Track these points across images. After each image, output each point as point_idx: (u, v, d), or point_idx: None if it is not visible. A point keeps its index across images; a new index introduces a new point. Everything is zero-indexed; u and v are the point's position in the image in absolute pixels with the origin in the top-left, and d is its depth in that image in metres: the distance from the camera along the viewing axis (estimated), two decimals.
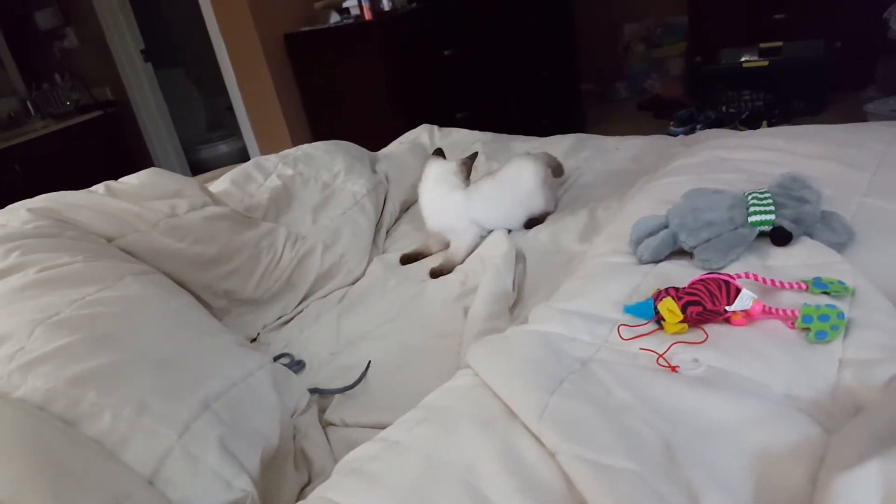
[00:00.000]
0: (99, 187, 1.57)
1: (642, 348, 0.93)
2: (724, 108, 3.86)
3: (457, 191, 1.67)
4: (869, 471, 0.58)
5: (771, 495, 0.66)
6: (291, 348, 1.44)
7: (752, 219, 1.10)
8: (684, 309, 0.92)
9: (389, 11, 3.28)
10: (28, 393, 0.92)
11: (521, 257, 1.54)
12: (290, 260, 1.65)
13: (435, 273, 1.62)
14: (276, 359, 1.29)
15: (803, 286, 0.96)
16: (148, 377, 0.99)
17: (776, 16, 3.83)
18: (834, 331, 0.85)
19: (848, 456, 0.62)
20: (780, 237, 1.09)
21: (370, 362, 1.28)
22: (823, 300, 0.92)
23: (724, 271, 1.03)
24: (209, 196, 1.64)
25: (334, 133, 2.57)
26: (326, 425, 1.18)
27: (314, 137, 3.44)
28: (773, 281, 0.97)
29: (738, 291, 0.92)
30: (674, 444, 0.73)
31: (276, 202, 1.82)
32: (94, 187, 1.57)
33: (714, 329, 0.93)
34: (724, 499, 0.66)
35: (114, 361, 0.99)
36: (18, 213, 1.38)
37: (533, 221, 1.73)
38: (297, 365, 1.36)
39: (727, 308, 0.92)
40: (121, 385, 0.95)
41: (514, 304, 1.40)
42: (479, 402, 0.87)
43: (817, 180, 1.14)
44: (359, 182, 1.92)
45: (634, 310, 1.00)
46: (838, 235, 1.08)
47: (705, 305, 0.92)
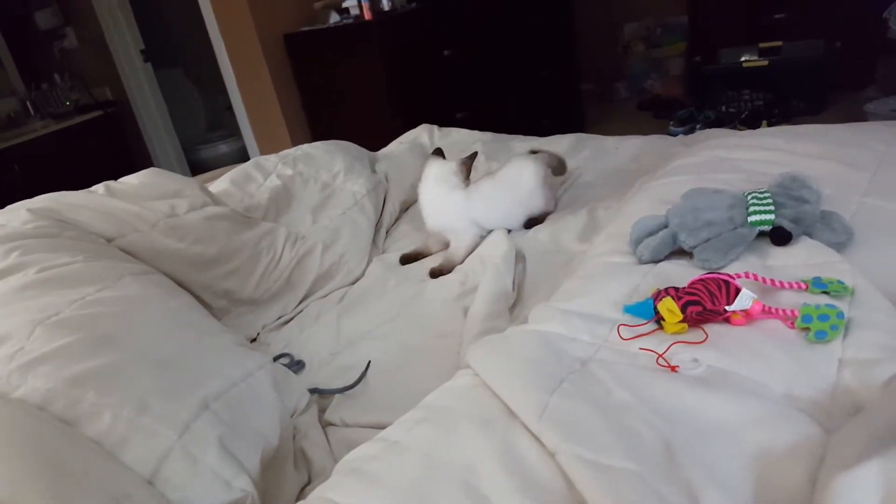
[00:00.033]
0: (99, 187, 1.57)
1: (642, 348, 0.93)
2: (724, 108, 3.85)
3: (457, 191, 1.67)
4: (869, 470, 0.58)
5: (771, 495, 0.66)
6: (291, 348, 1.44)
7: (752, 218, 1.10)
8: (684, 309, 0.92)
9: (389, 11, 3.28)
10: (28, 393, 0.92)
11: (521, 257, 1.54)
12: (290, 260, 1.65)
13: (435, 273, 1.62)
14: (276, 359, 1.29)
15: (803, 286, 0.96)
16: (147, 377, 0.99)
17: (776, 15, 3.83)
18: (833, 330, 0.86)
19: (847, 456, 0.62)
20: (780, 237, 1.09)
21: (370, 362, 1.28)
22: (823, 300, 0.92)
23: (724, 271, 1.03)
24: (209, 196, 1.64)
25: (334, 133, 2.57)
26: (326, 425, 1.18)
27: (314, 137, 3.43)
28: (773, 281, 0.97)
29: (738, 291, 0.92)
30: (673, 444, 0.73)
31: (276, 202, 1.82)
32: (94, 187, 1.57)
33: (714, 329, 0.93)
34: (724, 498, 0.66)
35: (113, 361, 0.99)
36: (18, 213, 1.38)
37: (533, 221, 1.73)
38: (297, 365, 1.36)
39: (727, 308, 0.92)
40: (120, 385, 0.95)
41: (514, 304, 1.40)
42: (479, 402, 0.87)
43: (817, 180, 1.14)
44: (358, 182, 1.92)
45: (634, 310, 1.00)
46: (838, 235, 1.08)
47: (705, 305, 0.92)
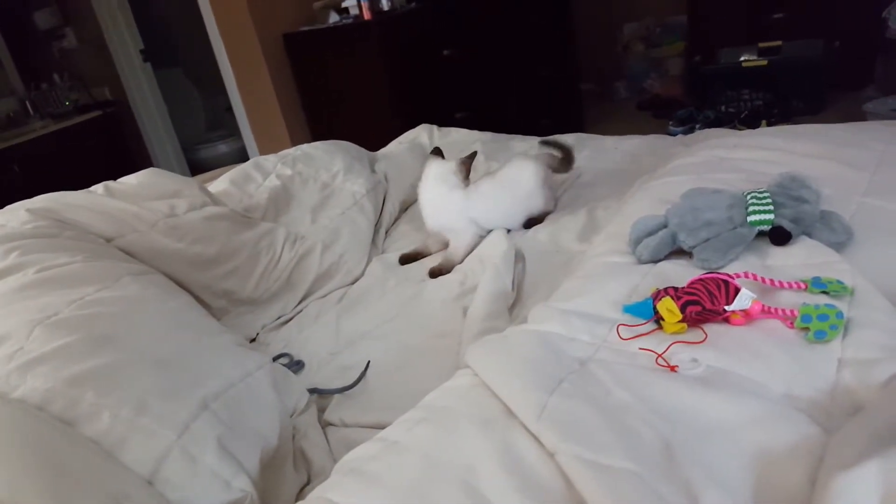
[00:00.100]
0: (98, 187, 1.57)
1: (641, 348, 0.93)
2: (724, 108, 3.85)
3: (456, 190, 1.67)
4: (868, 470, 0.58)
5: (770, 495, 0.66)
6: (291, 348, 1.43)
7: (752, 218, 1.10)
8: (683, 308, 0.92)
9: (388, 11, 3.28)
10: (27, 393, 0.92)
11: (521, 257, 1.54)
12: (290, 260, 1.65)
13: (434, 273, 1.62)
14: (276, 359, 1.29)
15: (802, 286, 0.95)
16: (147, 377, 0.99)
17: (775, 15, 3.83)
18: (833, 330, 0.85)
19: (847, 456, 0.62)
20: (779, 237, 1.09)
21: (369, 362, 1.28)
22: (822, 300, 0.92)
23: (723, 271, 1.03)
24: (208, 196, 1.64)
25: (333, 133, 2.57)
26: (326, 425, 1.18)
27: (313, 137, 3.44)
28: (773, 280, 0.97)
29: (737, 291, 0.92)
30: (673, 444, 0.73)
31: (276, 202, 1.82)
32: (94, 187, 1.57)
33: (713, 329, 0.93)
34: (724, 498, 0.66)
35: (113, 362, 0.99)
36: (17, 214, 1.38)
37: (532, 221, 1.73)
38: (297, 365, 1.36)
39: (726, 308, 0.92)
40: (119, 385, 0.95)
41: (514, 304, 1.40)
42: (479, 402, 0.87)
43: (816, 180, 1.14)
44: (358, 182, 1.92)
45: (633, 309, 1.00)
46: (837, 235, 1.08)
47: (704, 305, 0.92)
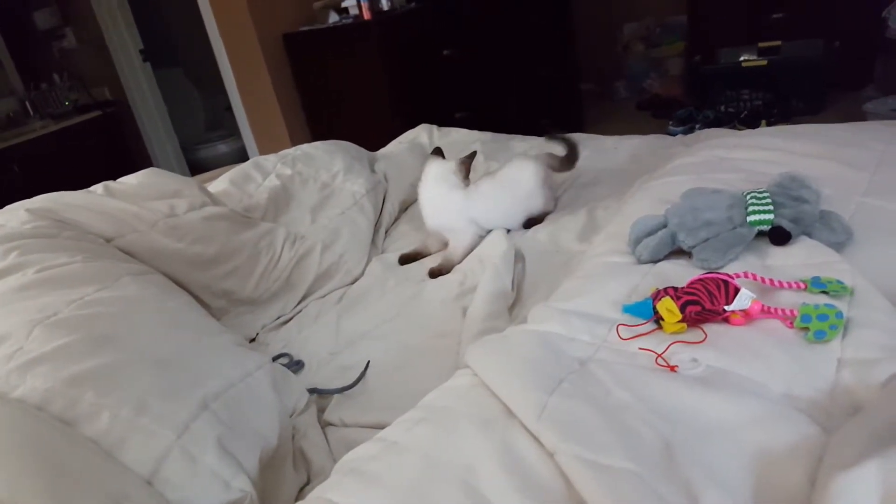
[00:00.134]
0: (98, 187, 1.57)
1: (641, 348, 0.93)
2: (723, 108, 3.85)
3: (456, 190, 1.67)
4: (868, 470, 0.58)
5: (770, 495, 0.66)
6: (290, 348, 1.43)
7: (751, 218, 1.10)
8: (683, 308, 0.92)
9: (388, 11, 3.28)
10: (26, 393, 0.91)
11: (520, 257, 1.54)
12: (289, 260, 1.65)
13: (434, 273, 1.62)
14: (275, 359, 1.29)
15: (802, 286, 0.95)
16: (146, 377, 0.99)
17: (775, 15, 3.83)
18: (833, 330, 0.85)
19: (847, 456, 0.62)
20: (779, 237, 1.09)
21: (369, 362, 1.28)
22: (822, 300, 0.92)
23: (723, 271, 1.03)
24: (208, 196, 1.64)
25: (333, 133, 2.57)
26: (325, 425, 1.18)
27: (313, 137, 3.44)
28: (772, 280, 0.97)
29: (737, 291, 0.92)
30: (673, 444, 0.73)
31: (275, 202, 1.82)
32: (93, 187, 1.57)
33: (713, 329, 0.93)
34: (724, 498, 0.66)
35: (112, 362, 0.99)
36: (17, 214, 1.38)
37: (532, 221, 1.73)
38: (296, 365, 1.36)
39: (726, 308, 0.92)
40: (119, 385, 0.95)
41: (513, 304, 1.40)
42: (478, 402, 0.87)
43: (816, 180, 1.14)
44: (358, 182, 1.92)
45: (633, 309, 1.00)
46: (837, 235, 1.08)
47: (704, 305, 0.92)
